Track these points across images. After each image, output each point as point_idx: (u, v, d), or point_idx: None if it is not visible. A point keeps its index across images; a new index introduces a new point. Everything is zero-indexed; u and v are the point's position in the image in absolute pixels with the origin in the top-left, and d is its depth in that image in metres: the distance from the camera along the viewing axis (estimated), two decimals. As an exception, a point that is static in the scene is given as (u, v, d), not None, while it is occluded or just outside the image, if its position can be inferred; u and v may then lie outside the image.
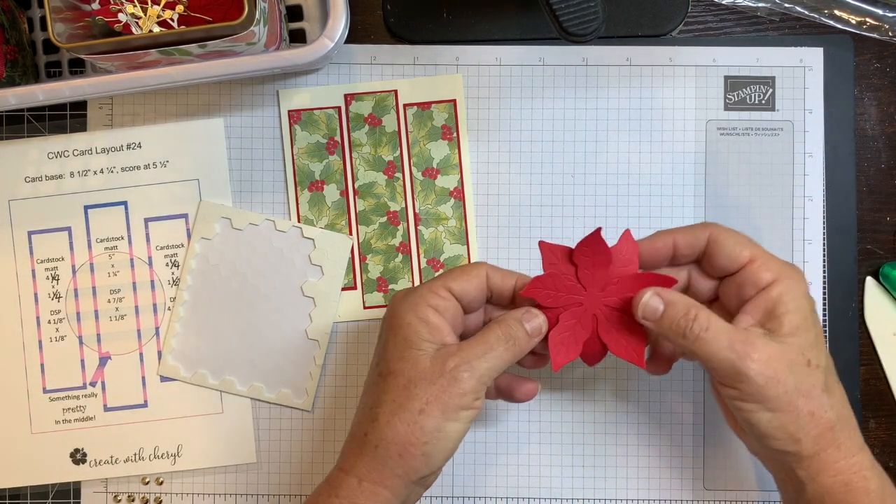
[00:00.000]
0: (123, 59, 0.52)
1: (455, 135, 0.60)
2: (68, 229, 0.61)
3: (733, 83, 0.60)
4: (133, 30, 0.52)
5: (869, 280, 0.60)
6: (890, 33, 0.59)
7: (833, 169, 0.60)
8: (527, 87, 0.61)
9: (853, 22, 0.60)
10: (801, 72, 0.60)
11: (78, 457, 0.60)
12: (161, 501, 0.60)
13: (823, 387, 0.47)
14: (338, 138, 0.60)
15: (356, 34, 0.61)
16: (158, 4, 0.52)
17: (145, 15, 0.52)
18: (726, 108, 0.60)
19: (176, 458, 0.60)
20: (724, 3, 0.60)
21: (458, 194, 0.60)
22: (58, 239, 0.61)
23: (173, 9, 0.52)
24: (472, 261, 0.60)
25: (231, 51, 0.52)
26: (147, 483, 0.60)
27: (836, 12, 0.60)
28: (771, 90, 0.60)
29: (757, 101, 0.60)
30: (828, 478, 0.47)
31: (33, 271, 0.61)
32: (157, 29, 0.52)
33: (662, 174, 0.60)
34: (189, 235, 0.60)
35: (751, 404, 0.47)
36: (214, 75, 0.52)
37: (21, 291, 0.60)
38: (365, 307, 0.60)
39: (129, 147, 0.60)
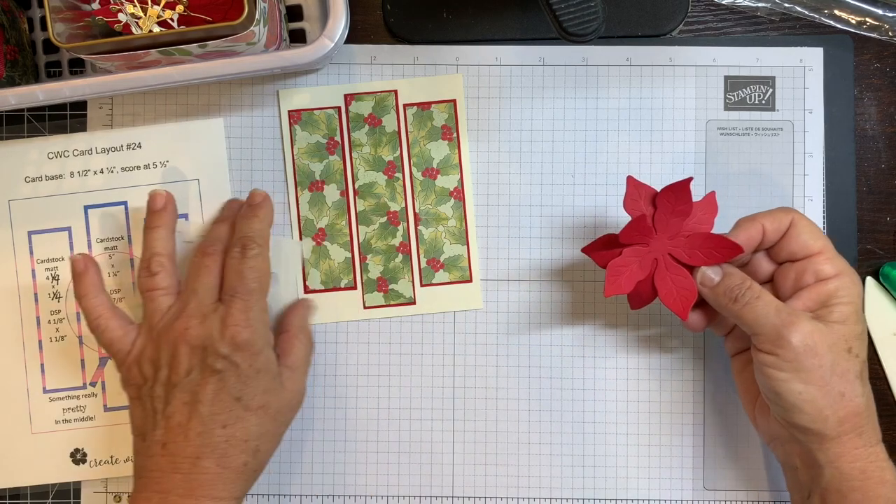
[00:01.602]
0: (123, 59, 0.52)
1: (455, 135, 0.60)
2: (68, 229, 0.61)
3: (733, 83, 0.60)
4: (133, 30, 0.52)
5: (869, 280, 0.60)
6: (890, 33, 0.59)
7: (833, 169, 0.60)
8: (527, 87, 0.61)
9: (853, 22, 0.60)
10: (801, 72, 0.60)
11: (78, 457, 0.60)
12: (161, 501, 0.60)
13: (858, 374, 0.49)
14: (338, 138, 0.60)
15: (356, 34, 0.61)
16: (158, 4, 0.52)
17: (145, 15, 0.52)
18: (726, 108, 0.60)
19: (176, 457, 0.60)
20: (724, 3, 0.60)
21: (458, 194, 0.60)
22: (58, 239, 0.61)
23: (173, 9, 0.52)
24: (472, 260, 0.60)
25: (231, 51, 0.52)
26: (147, 483, 0.60)
27: (836, 12, 0.60)
28: (771, 90, 0.60)
29: (757, 101, 0.60)
30: (846, 463, 0.48)
31: (33, 271, 0.61)
32: (157, 29, 0.52)
33: (662, 174, 0.60)
34: (189, 235, 0.60)
35: (785, 373, 0.48)
36: (214, 75, 0.52)
37: (21, 291, 0.60)
38: (365, 307, 0.60)
39: (128, 147, 0.60)
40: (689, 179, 0.51)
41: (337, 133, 0.60)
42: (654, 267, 0.52)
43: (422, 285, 0.60)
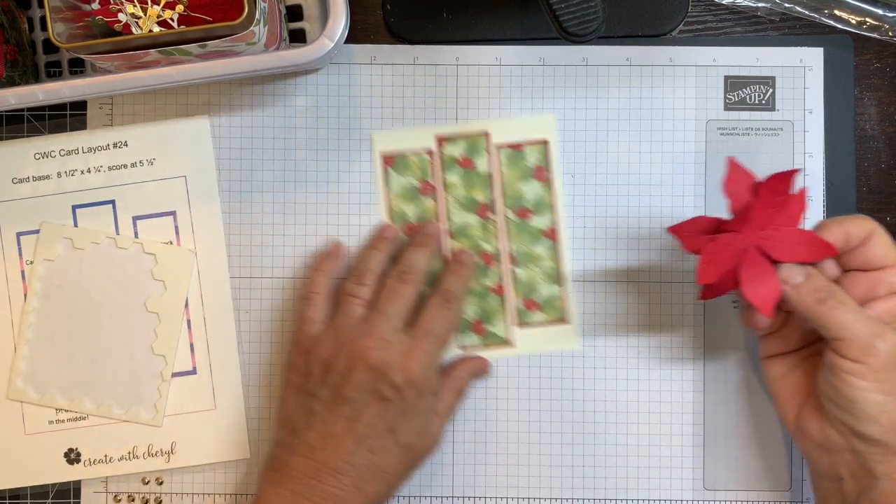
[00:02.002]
0: (123, 59, 0.52)
1: (548, 175, 0.60)
2: (58, 229, 0.61)
3: (733, 83, 0.60)
4: (133, 30, 0.52)
5: (869, 280, 0.60)
6: (890, 33, 0.59)
7: (833, 169, 0.60)
8: (527, 87, 0.61)
9: (853, 22, 0.60)
10: (801, 72, 0.60)
11: (72, 456, 0.60)
12: (161, 501, 0.60)
13: None
14: (431, 181, 0.60)
15: (356, 34, 0.61)
16: (158, 4, 0.52)
17: (145, 15, 0.52)
18: (726, 108, 0.60)
19: (170, 455, 0.60)
20: (724, 3, 0.60)
21: (553, 234, 0.60)
22: (48, 239, 0.60)
23: (173, 9, 0.52)
24: (568, 300, 0.60)
25: (231, 51, 0.52)
26: (147, 483, 0.60)
27: (836, 12, 0.60)
28: (771, 90, 0.60)
29: (757, 101, 0.60)
30: None
31: (22, 272, 0.60)
32: (157, 29, 0.52)
33: (662, 174, 0.60)
34: (177, 232, 0.60)
35: (868, 382, 0.47)
36: (214, 75, 0.52)
37: (11, 293, 0.60)
38: (458, 348, 0.60)
39: (115, 146, 0.60)
40: (796, 171, 0.49)
41: (430, 175, 0.60)
42: (742, 258, 0.49)
43: (518, 326, 0.60)
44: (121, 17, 0.52)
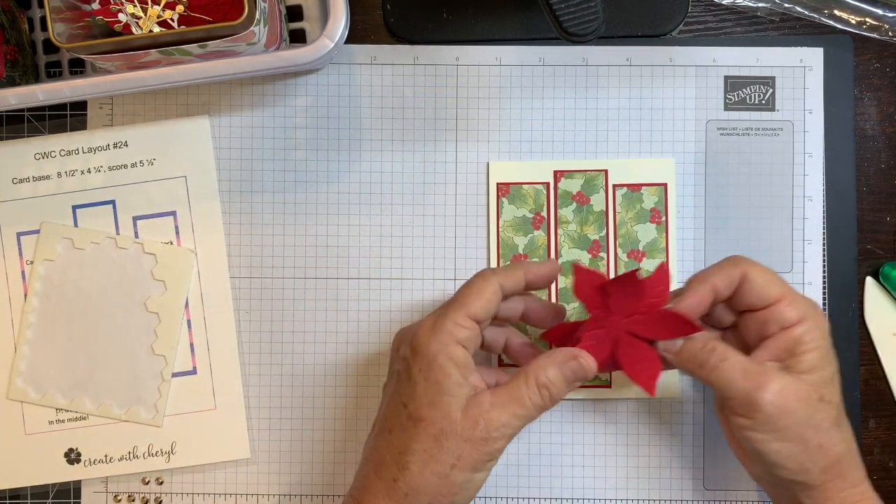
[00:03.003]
0: (123, 59, 0.52)
1: (664, 219, 0.60)
2: (59, 230, 0.61)
3: (733, 83, 0.60)
4: (133, 30, 0.52)
5: (869, 280, 0.60)
6: (890, 33, 0.59)
7: (833, 169, 0.60)
8: (527, 87, 0.61)
9: (853, 22, 0.60)
10: (801, 72, 0.60)
11: (72, 456, 0.60)
12: (161, 501, 0.60)
13: (834, 421, 0.48)
14: (544, 214, 0.60)
15: (356, 34, 0.61)
16: (158, 4, 0.52)
17: (145, 15, 0.52)
18: (726, 108, 0.60)
19: (170, 455, 0.60)
20: (724, 3, 0.60)
21: None
22: (49, 239, 0.60)
23: (173, 9, 0.52)
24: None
25: (231, 51, 0.52)
26: (147, 483, 0.60)
27: (836, 12, 0.60)
28: (771, 90, 0.60)
29: (757, 101, 0.60)
30: None
31: (23, 272, 0.60)
32: (157, 29, 0.52)
33: (662, 174, 0.60)
34: (177, 232, 0.60)
35: (762, 434, 0.48)
36: (214, 75, 0.52)
37: (11, 293, 0.60)
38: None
39: (115, 146, 0.60)
40: (635, 272, 0.50)
41: (544, 209, 0.60)
42: (614, 346, 0.50)
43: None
44: (121, 17, 0.52)
